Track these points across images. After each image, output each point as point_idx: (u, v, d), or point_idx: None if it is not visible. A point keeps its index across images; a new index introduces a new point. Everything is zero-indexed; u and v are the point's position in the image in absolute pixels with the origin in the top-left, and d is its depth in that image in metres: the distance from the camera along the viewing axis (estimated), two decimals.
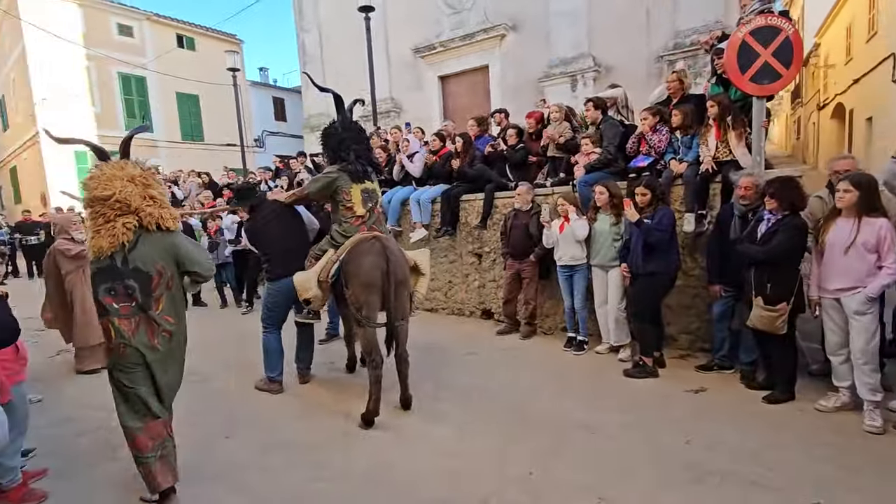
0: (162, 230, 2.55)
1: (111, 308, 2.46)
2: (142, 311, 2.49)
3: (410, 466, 2.88)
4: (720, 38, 4.86)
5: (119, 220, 2.44)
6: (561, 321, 5.21)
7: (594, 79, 10.29)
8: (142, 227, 2.50)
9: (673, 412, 3.38)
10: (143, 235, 2.50)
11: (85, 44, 16.97)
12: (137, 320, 2.49)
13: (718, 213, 4.02)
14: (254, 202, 4.08)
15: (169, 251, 2.55)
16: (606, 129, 4.79)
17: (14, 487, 2.65)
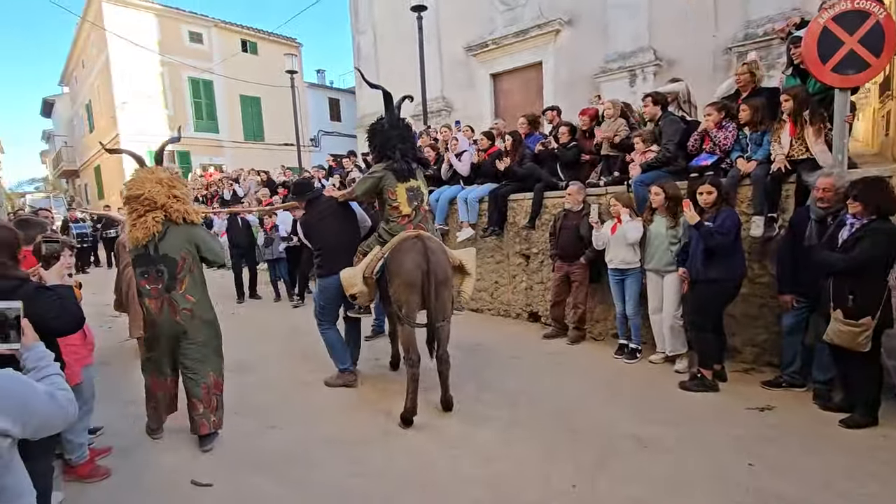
0: (186, 223, 3.06)
1: (144, 290, 3.04)
2: (167, 293, 3.00)
3: (450, 469, 2.84)
4: (798, 25, 4.46)
5: (148, 215, 2.95)
6: (612, 327, 4.99)
7: (654, 73, 9.82)
8: (169, 220, 3.00)
9: (734, 430, 3.12)
10: (170, 227, 3.01)
11: (160, 51, 18.24)
12: (162, 301, 3.01)
13: (792, 217, 3.68)
14: (310, 197, 4.14)
15: (191, 240, 3.06)
16: (666, 126, 4.52)
17: (82, 463, 2.85)
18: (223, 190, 12.68)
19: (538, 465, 2.82)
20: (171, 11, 18.70)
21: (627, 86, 10.01)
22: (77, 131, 25.09)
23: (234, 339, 5.65)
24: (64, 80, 25.75)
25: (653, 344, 4.47)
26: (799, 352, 3.62)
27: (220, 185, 13.24)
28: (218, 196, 12.77)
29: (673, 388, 3.79)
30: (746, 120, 4.00)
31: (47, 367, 1.41)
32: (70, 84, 25.24)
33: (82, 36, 20.07)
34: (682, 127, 4.52)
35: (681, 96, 5.37)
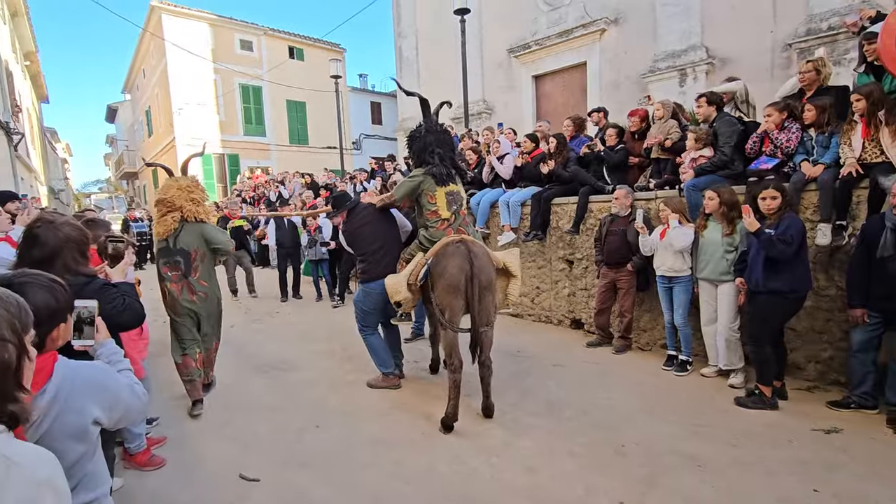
0: (197, 221, 3.68)
1: (166, 276, 3.59)
2: (184, 278, 3.58)
3: (492, 477, 2.79)
4: (873, 19, 4.15)
5: (168, 214, 3.62)
6: (659, 337, 4.79)
7: (706, 72, 9.42)
8: (185, 220, 3.63)
9: (797, 452, 2.92)
10: (185, 225, 3.63)
11: (213, 59, 19.10)
12: (182, 285, 3.58)
13: (864, 225, 3.40)
14: (348, 208, 4.18)
15: (200, 236, 3.66)
16: (721, 127, 4.29)
17: (140, 452, 2.99)
18: (269, 191, 13.12)
19: (583, 479, 2.73)
20: (223, 20, 19.56)
21: (677, 86, 9.66)
22: (137, 136, 26.67)
23: (278, 338, 5.86)
24: (126, 88, 27.43)
25: (704, 356, 4.26)
26: (871, 371, 3.34)
27: (266, 187, 13.70)
28: (264, 198, 13.22)
29: (728, 405, 3.58)
30: (812, 121, 3.74)
31: (119, 361, 1.48)
32: (132, 91, 26.87)
33: (143, 46, 21.31)
34: (740, 128, 4.28)
35: (737, 96, 5.10)
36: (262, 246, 12.13)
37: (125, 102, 29.46)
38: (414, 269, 3.61)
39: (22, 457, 0.75)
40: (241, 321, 6.69)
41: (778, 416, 3.39)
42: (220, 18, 19.45)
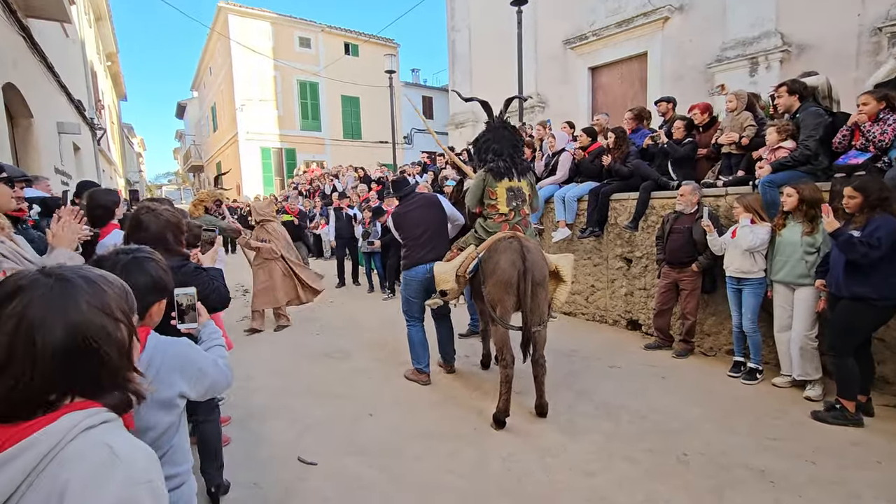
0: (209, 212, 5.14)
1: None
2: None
3: (546, 478, 2.73)
4: None
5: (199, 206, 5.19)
6: (725, 342, 4.52)
7: (781, 60, 8.76)
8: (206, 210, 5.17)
9: (887, 475, 2.66)
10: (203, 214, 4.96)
11: (273, 56, 19.88)
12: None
13: None
14: (405, 192, 4.27)
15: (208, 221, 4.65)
16: (806, 118, 3.95)
17: None
18: (324, 185, 13.52)
19: (644, 487, 2.62)
20: (284, 19, 20.29)
21: (747, 76, 9.04)
22: (204, 131, 28.25)
23: (332, 327, 6.04)
24: (195, 86, 29.09)
25: (775, 364, 3.97)
26: None
27: (321, 181, 14.13)
28: (319, 191, 13.64)
29: (804, 418, 3.32)
30: None
31: (217, 339, 1.61)
32: (199, 89, 28.47)
33: (211, 45, 22.49)
34: (827, 120, 3.93)
35: (819, 91, 4.64)
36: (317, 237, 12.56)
37: (193, 99, 31.29)
38: (465, 262, 3.58)
39: (127, 453, 0.74)
40: (296, 310, 6.94)
41: (863, 433, 3.11)
42: (280, 17, 20.20)
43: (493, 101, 4.07)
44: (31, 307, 0.73)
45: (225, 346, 1.61)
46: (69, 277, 0.79)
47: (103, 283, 0.82)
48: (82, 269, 0.84)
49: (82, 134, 10.06)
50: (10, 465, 0.68)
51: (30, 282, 0.76)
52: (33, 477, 0.68)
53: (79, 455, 0.70)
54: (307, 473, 2.84)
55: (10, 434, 0.70)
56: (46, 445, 0.69)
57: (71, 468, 0.69)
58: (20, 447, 0.69)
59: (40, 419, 0.72)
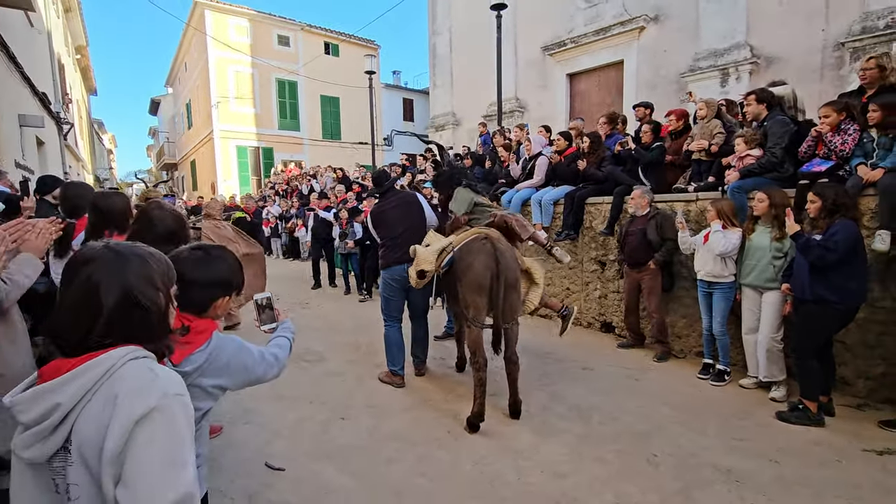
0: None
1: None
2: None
3: (518, 480, 2.72)
4: None
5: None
6: (695, 344, 4.61)
7: (750, 72, 9.05)
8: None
9: (847, 474, 2.74)
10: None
11: (251, 53, 19.55)
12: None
13: None
14: (385, 189, 4.25)
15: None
16: (773, 127, 4.07)
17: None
18: (302, 185, 13.33)
19: (614, 487, 2.63)
20: (262, 16, 19.98)
21: (718, 86, 9.31)
22: (178, 128, 27.59)
23: (307, 329, 5.92)
24: (169, 82, 28.39)
25: (743, 366, 4.07)
26: None
27: (299, 181, 13.93)
28: (297, 191, 13.44)
29: (768, 419, 3.40)
30: (877, 121, 3.48)
31: (284, 333, 1.73)
32: (174, 85, 27.81)
33: (186, 40, 21.99)
34: (793, 128, 4.06)
35: (786, 101, 4.79)
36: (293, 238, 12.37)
37: (167, 96, 30.52)
38: (441, 254, 3.55)
39: (164, 374, 0.97)
40: None
41: (824, 433, 3.20)
42: (258, 14, 19.89)
43: (473, 104, 4.24)
44: (97, 272, 0.95)
45: (290, 338, 1.73)
46: (124, 252, 1.00)
47: (150, 259, 1.03)
48: (135, 246, 1.04)
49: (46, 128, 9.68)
50: (76, 380, 0.90)
51: (97, 253, 0.98)
52: (96, 388, 0.89)
53: (128, 374, 0.92)
54: (274, 480, 2.76)
55: (73, 363, 0.91)
56: (104, 367, 0.91)
57: (122, 383, 0.90)
58: (87, 366, 0.91)
59: (94, 353, 0.93)
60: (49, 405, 0.88)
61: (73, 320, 0.94)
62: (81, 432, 0.88)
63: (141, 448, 0.85)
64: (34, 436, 0.88)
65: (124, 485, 0.84)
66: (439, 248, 3.60)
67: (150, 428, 0.87)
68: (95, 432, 0.87)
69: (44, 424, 0.88)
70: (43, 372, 0.93)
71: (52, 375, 0.91)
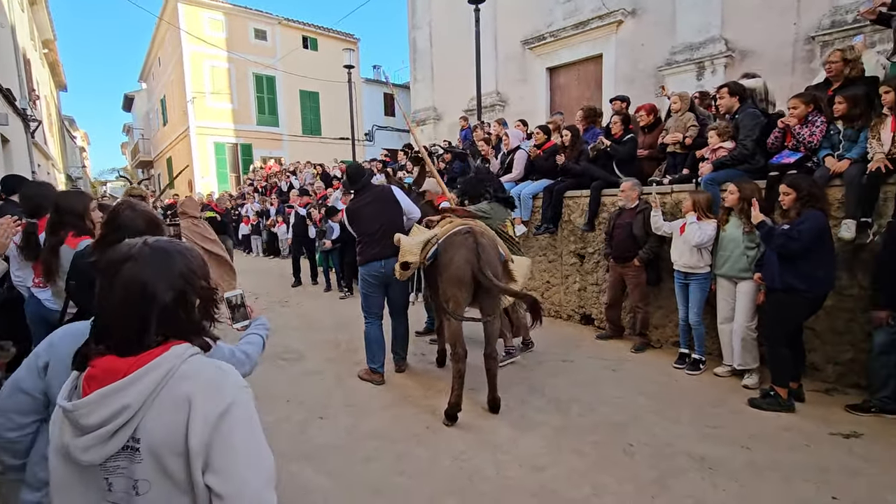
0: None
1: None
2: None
3: (496, 474, 2.73)
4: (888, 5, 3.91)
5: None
6: (672, 334, 4.68)
7: (725, 65, 9.18)
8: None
9: (815, 457, 2.81)
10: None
11: (227, 48, 19.15)
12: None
13: (891, 223, 3.26)
14: (361, 184, 4.15)
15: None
16: (744, 119, 4.14)
17: None
18: (281, 182, 13.14)
19: (591, 479, 2.66)
20: (238, 9, 19.58)
21: (694, 79, 9.43)
22: (153, 124, 26.92)
23: (286, 328, 5.85)
24: (143, 77, 27.65)
25: (718, 355, 4.14)
26: (893, 374, 3.21)
27: (278, 177, 13.73)
28: (276, 188, 13.26)
29: (742, 406, 3.48)
30: (843, 113, 3.56)
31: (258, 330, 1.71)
32: (148, 80, 27.09)
33: (159, 34, 21.43)
34: (763, 121, 4.12)
35: (757, 93, 4.89)
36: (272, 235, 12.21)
37: (141, 91, 29.72)
38: (428, 243, 3.55)
39: (229, 368, 1.00)
40: None
41: (794, 418, 3.28)
42: (234, 7, 19.48)
43: (454, 98, 4.18)
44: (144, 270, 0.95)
45: (263, 335, 1.72)
46: (167, 248, 1.00)
47: (188, 253, 1.04)
48: (171, 241, 1.05)
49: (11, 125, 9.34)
50: (141, 380, 0.89)
51: (139, 251, 0.97)
52: (158, 390, 0.90)
53: (195, 372, 0.94)
54: None
55: (132, 363, 0.91)
56: (167, 367, 0.92)
57: (192, 381, 0.92)
58: (148, 368, 0.90)
59: (152, 351, 0.93)
60: (117, 407, 0.88)
61: (122, 320, 0.94)
62: (151, 431, 0.90)
63: (226, 439, 0.90)
64: (96, 438, 0.88)
65: (216, 473, 0.89)
66: (424, 239, 3.60)
67: (232, 420, 0.91)
68: (169, 430, 0.89)
69: (109, 426, 0.88)
70: (94, 374, 0.92)
71: (107, 376, 0.90)
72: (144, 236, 1.04)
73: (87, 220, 2.24)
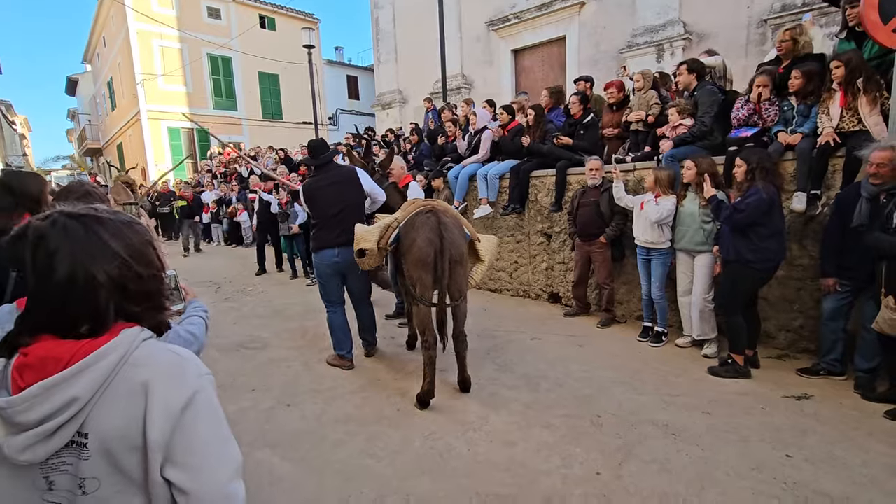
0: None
1: None
2: None
3: (468, 452, 2.74)
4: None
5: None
6: (636, 309, 4.80)
7: (683, 48, 9.35)
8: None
9: (770, 419, 2.95)
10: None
11: (178, 27, 18.14)
12: None
13: (839, 195, 3.41)
14: (321, 161, 3.89)
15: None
16: (702, 97, 4.23)
17: None
18: (241, 168, 12.67)
19: (560, 451, 2.70)
20: None
21: (654, 61, 9.57)
22: (100, 109, 25.38)
23: (251, 316, 5.69)
24: (87, 58, 25.95)
25: (679, 327, 4.28)
26: (840, 339, 3.40)
27: (238, 163, 13.23)
28: (236, 174, 12.77)
29: (702, 374, 3.61)
30: (798, 88, 3.67)
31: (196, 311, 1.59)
32: (93, 62, 25.45)
33: (103, 12, 20.10)
34: (720, 98, 4.22)
35: (716, 71, 5.01)
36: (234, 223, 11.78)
37: (86, 74, 27.90)
38: (388, 229, 3.45)
39: (186, 354, 0.92)
40: (212, 299, 6.47)
41: (750, 384, 3.43)
42: None
43: (420, 81, 4.04)
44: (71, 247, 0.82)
45: (203, 316, 1.60)
46: (104, 218, 0.88)
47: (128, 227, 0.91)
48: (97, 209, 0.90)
49: None
50: (92, 368, 0.80)
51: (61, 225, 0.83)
52: (111, 378, 0.81)
53: (150, 358, 0.86)
54: None
55: (75, 350, 0.81)
56: (120, 353, 0.83)
57: (147, 369, 0.84)
58: (98, 355, 0.81)
59: (102, 336, 0.84)
60: (63, 400, 0.78)
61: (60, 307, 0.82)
62: (101, 424, 0.82)
63: (190, 431, 0.84)
64: (36, 436, 0.79)
65: (179, 468, 0.83)
66: (384, 224, 3.49)
67: (195, 410, 0.85)
68: (122, 424, 0.82)
69: (52, 422, 0.78)
70: (29, 363, 0.81)
71: (45, 365, 0.80)
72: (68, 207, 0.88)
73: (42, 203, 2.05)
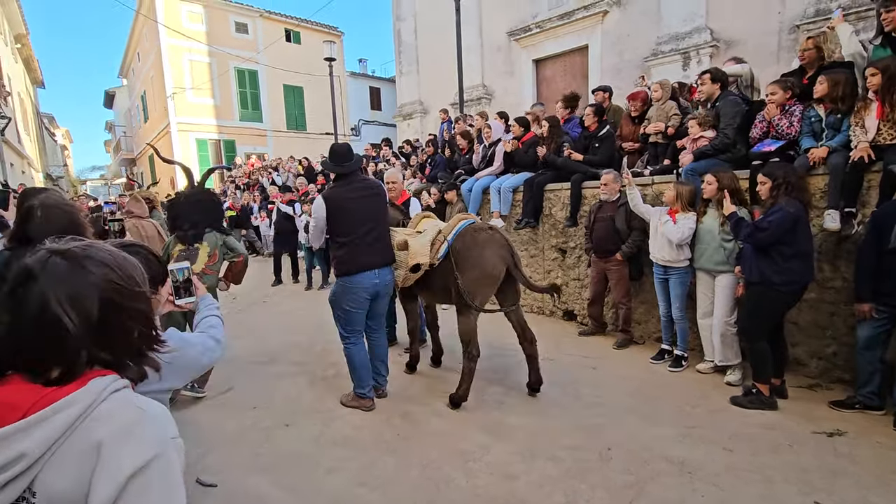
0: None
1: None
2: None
3: (466, 485, 2.59)
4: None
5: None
6: (654, 330, 4.57)
7: (711, 55, 9.07)
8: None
9: (797, 458, 2.71)
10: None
11: (207, 42, 18.72)
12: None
13: (875, 213, 3.15)
14: (347, 169, 3.30)
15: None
16: (724, 107, 4.01)
17: None
18: (263, 178, 12.88)
19: (564, 486, 2.53)
20: (218, 2, 19.13)
21: (680, 69, 9.31)
22: (134, 121, 26.36)
23: (262, 328, 5.67)
24: (123, 73, 27.04)
25: (700, 351, 4.03)
26: (878, 370, 3.12)
27: (260, 174, 13.46)
28: (258, 184, 12.99)
29: (723, 404, 3.37)
30: (822, 94, 3.40)
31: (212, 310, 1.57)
32: (128, 76, 26.49)
33: (137, 28, 20.92)
34: (744, 108, 4.00)
35: (742, 80, 4.76)
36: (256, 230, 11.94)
37: (122, 87, 29.09)
38: (435, 245, 3.43)
39: (154, 412, 0.81)
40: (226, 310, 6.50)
41: (777, 416, 3.17)
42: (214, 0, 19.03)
43: (441, 91, 3.97)
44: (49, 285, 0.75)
45: (219, 316, 1.57)
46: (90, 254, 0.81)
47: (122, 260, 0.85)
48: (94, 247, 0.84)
49: None
50: (48, 421, 0.72)
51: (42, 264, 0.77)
52: (69, 433, 0.73)
53: (110, 414, 0.76)
54: (205, 497, 2.55)
55: (40, 396, 0.74)
56: (82, 405, 0.74)
57: (105, 426, 0.75)
58: (56, 407, 0.73)
59: (69, 385, 0.76)
60: (12, 455, 0.70)
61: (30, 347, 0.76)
62: (51, 483, 0.72)
63: (134, 501, 0.73)
64: None
65: None
66: (431, 238, 3.47)
67: (145, 479, 0.74)
68: (70, 485, 0.72)
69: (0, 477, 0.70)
70: None
71: (3, 413, 0.72)
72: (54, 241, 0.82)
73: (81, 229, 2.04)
